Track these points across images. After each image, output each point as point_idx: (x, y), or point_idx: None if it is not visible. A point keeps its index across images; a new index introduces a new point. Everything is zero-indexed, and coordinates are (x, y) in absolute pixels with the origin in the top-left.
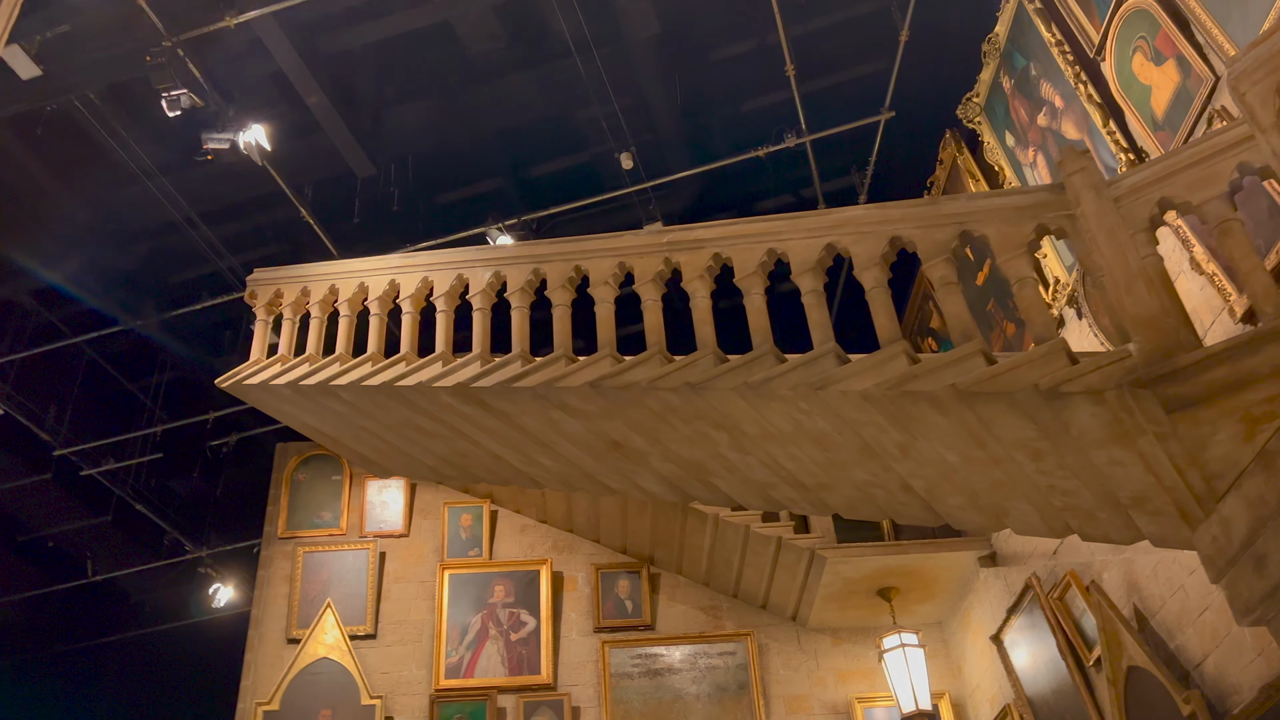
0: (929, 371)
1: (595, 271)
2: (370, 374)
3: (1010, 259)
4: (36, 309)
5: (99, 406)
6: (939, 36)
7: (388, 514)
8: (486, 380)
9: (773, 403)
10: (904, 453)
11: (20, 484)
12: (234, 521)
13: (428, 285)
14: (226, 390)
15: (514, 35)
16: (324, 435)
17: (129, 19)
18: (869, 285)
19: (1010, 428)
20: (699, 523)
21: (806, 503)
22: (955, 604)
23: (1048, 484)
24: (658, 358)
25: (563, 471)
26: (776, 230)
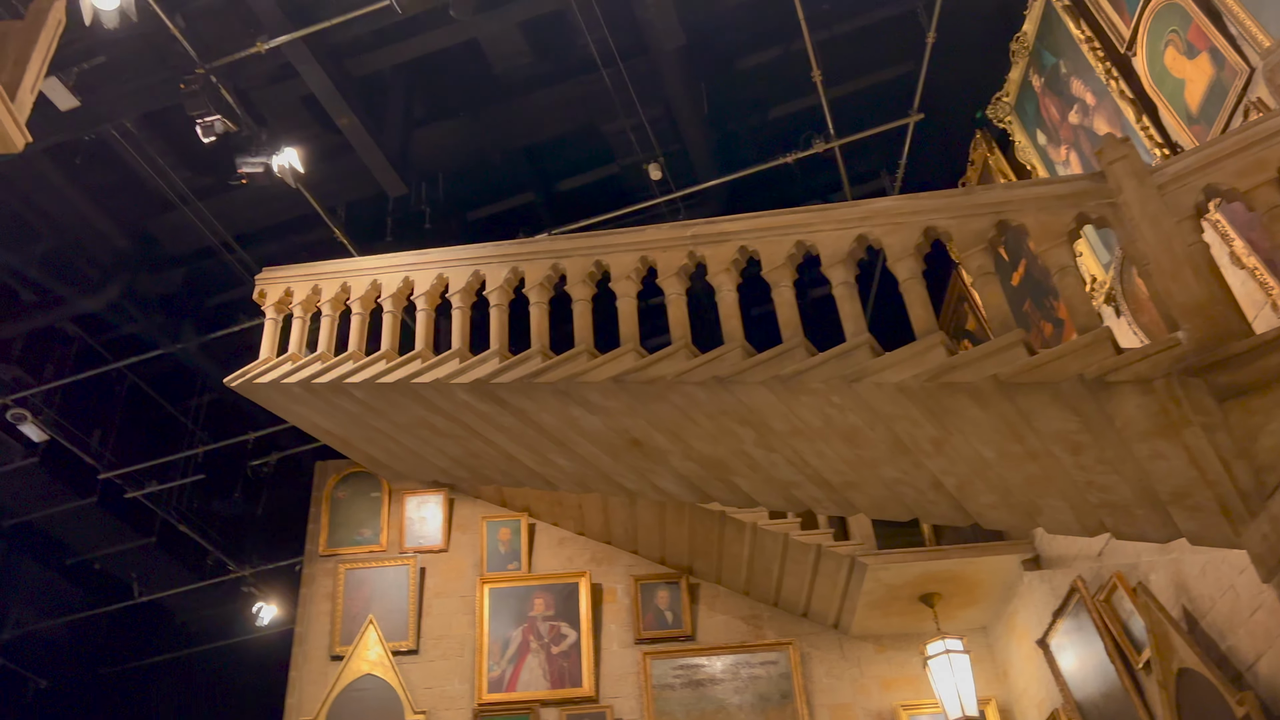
0: (969, 362)
1: (617, 266)
2: (385, 371)
3: (1050, 248)
4: (79, 335)
5: (141, 430)
6: (966, 37)
7: (427, 529)
8: (506, 376)
9: (803, 396)
10: (937, 448)
11: (67, 508)
12: (276, 540)
13: (443, 282)
14: (235, 389)
15: (540, 51)
16: (334, 436)
17: (163, 48)
18: (903, 276)
19: (1051, 420)
20: (737, 532)
21: (831, 502)
22: (999, 608)
23: (1085, 479)
24: (684, 352)
25: (578, 471)
26: (805, 222)
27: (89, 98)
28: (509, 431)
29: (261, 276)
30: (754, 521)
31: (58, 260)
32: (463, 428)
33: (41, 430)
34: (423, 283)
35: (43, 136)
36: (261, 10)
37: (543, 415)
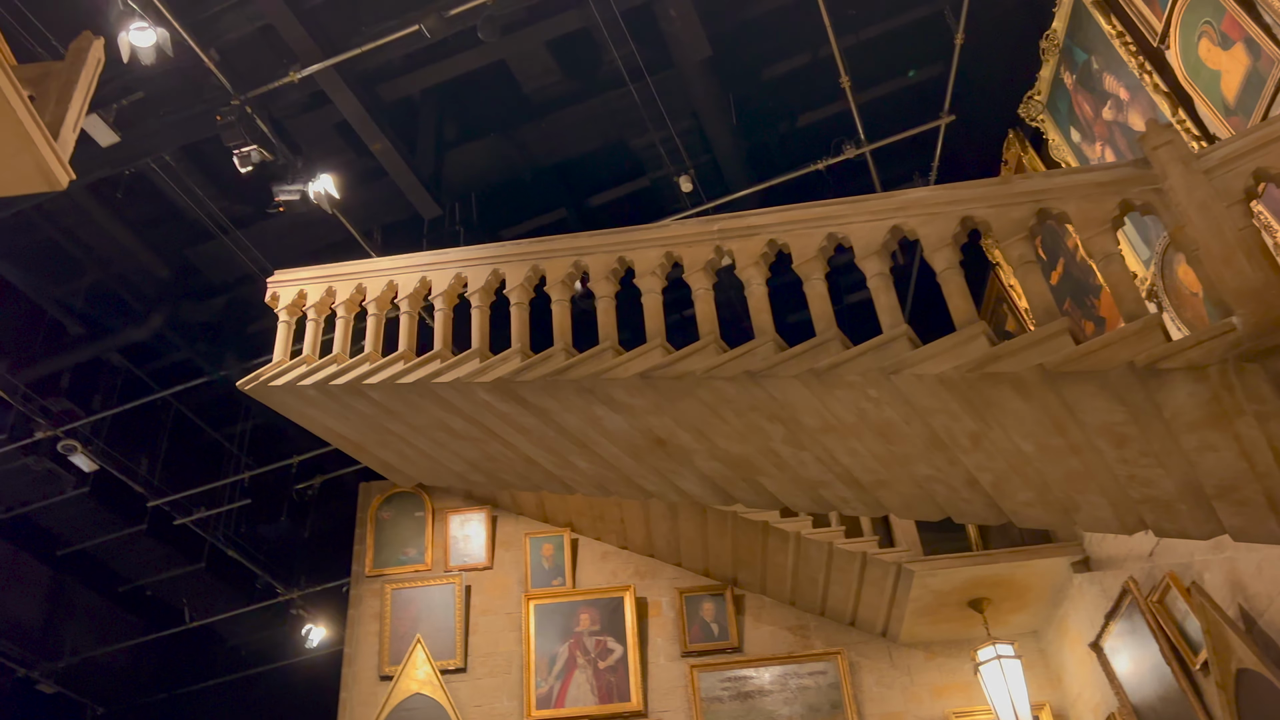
0: (1013, 352)
1: (641, 262)
2: (404, 372)
3: (1094, 236)
4: (125, 366)
5: (188, 457)
6: (995, 37)
7: (471, 547)
8: (529, 374)
9: (838, 390)
10: (975, 443)
11: (118, 536)
12: (322, 562)
13: (461, 281)
14: (248, 393)
15: (568, 69)
16: (347, 441)
17: (199, 81)
18: (941, 267)
19: (1097, 411)
20: (781, 542)
21: (860, 502)
22: (1050, 612)
23: (1127, 473)
24: (713, 347)
25: (598, 474)
26: (837, 214)
27: (128, 133)
28: (529, 433)
29: (274, 279)
30: (798, 531)
31: (102, 293)
32: (481, 430)
33: (91, 460)
34: (440, 282)
35: (85, 172)
36: (293, 40)
37: (565, 415)
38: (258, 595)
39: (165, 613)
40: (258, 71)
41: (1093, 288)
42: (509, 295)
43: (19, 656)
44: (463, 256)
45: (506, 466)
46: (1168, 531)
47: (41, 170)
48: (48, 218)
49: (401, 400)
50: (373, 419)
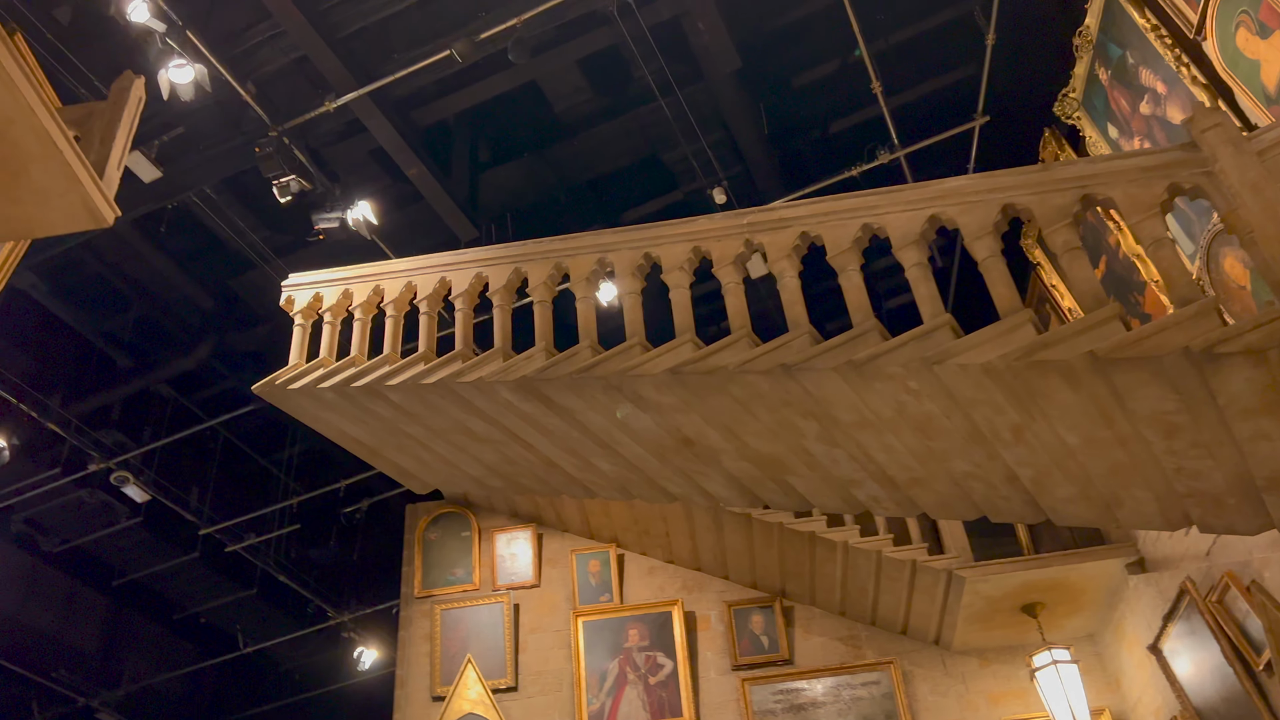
0: (1062, 339)
1: (668, 258)
2: (425, 372)
3: (1142, 220)
4: (173, 396)
5: (237, 484)
6: (1026, 36)
7: (517, 566)
8: (555, 372)
9: (877, 383)
10: (1017, 437)
11: (171, 565)
12: (372, 584)
13: (481, 281)
14: (263, 396)
15: (598, 86)
16: (362, 446)
17: (237, 115)
18: (983, 255)
19: (1147, 400)
20: (828, 552)
21: (893, 501)
22: (1106, 615)
23: (1175, 466)
24: (745, 340)
25: (621, 476)
26: (871, 205)
27: (170, 168)
28: (551, 434)
29: (289, 283)
30: (845, 540)
31: (149, 325)
32: (502, 432)
33: (143, 491)
34: (460, 282)
35: (129, 208)
36: (327, 70)
37: (589, 414)
38: (309, 619)
39: (219, 639)
40: (294, 102)
41: (1136, 284)
42: (531, 294)
43: (79, 686)
44: (482, 256)
45: (526, 470)
46: (1214, 527)
47: (88, 208)
48: (95, 254)
49: (421, 402)
50: (390, 422)
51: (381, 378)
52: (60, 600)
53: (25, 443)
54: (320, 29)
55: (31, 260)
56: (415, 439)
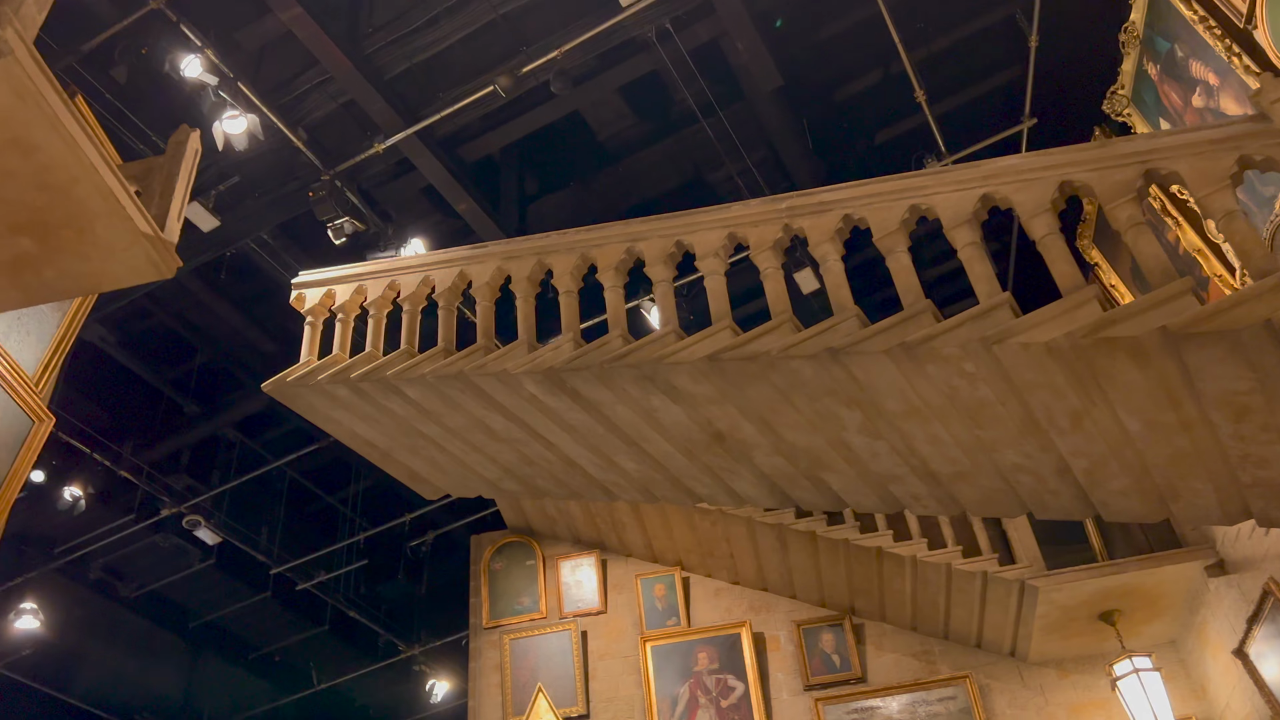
0: (1132, 315)
1: (701, 245)
2: (446, 365)
3: (1211, 194)
4: (239, 439)
5: (304, 523)
6: (1070, 35)
7: (583, 592)
8: (585, 361)
9: (930, 366)
10: (1075, 424)
11: (245, 605)
12: (441, 616)
13: (503, 274)
14: (271, 394)
15: (641, 112)
16: (374, 448)
17: (289, 160)
18: (1041, 233)
19: (1220, 379)
20: (897, 566)
21: (933, 499)
22: (1187, 619)
23: (1241, 453)
24: (788, 325)
25: (645, 477)
26: (919, 186)
27: (228, 216)
28: (575, 430)
29: (299, 280)
30: (914, 554)
31: (214, 371)
32: (522, 429)
33: (214, 533)
34: (480, 276)
35: (190, 257)
36: (375, 112)
37: (617, 408)
38: (381, 654)
39: (294, 676)
40: (344, 146)
41: (1200, 280)
42: (557, 283)
43: None
44: (504, 249)
45: (544, 471)
46: (1274, 519)
47: (152, 260)
48: (159, 304)
49: (440, 398)
50: (405, 422)
51: (400, 371)
52: (140, 644)
53: (99, 491)
54: (366, 73)
55: (98, 313)
56: (430, 439)
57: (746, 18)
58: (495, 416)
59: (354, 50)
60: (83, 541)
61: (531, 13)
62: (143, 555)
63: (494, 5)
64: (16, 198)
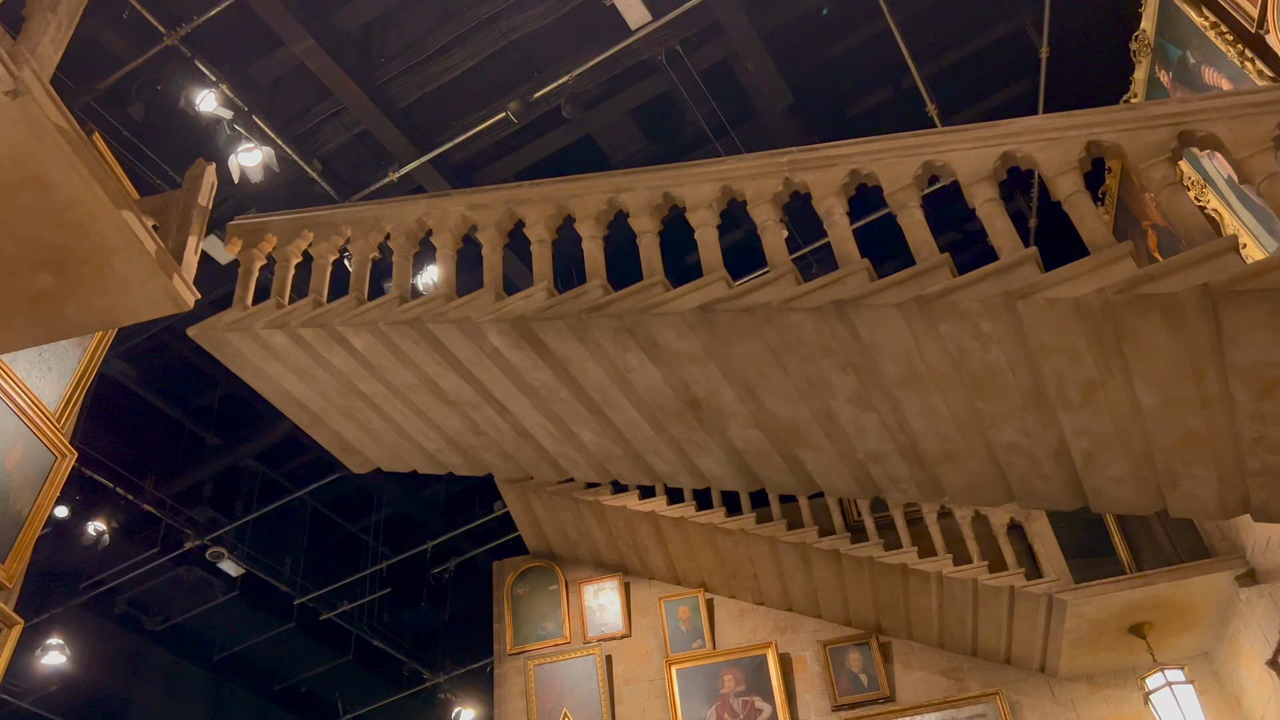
0: (1172, 271)
1: (693, 197)
2: (403, 310)
3: (1251, 156)
4: (260, 470)
5: (327, 552)
6: (1080, 45)
7: (606, 616)
8: (562, 309)
9: (944, 324)
10: (1086, 397)
11: (269, 636)
12: (465, 643)
13: (468, 223)
14: (199, 340)
15: (652, 134)
16: (303, 410)
17: (305, 190)
18: (1067, 191)
19: (1254, 347)
20: (922, 583)
21: (914, 482)
22: (1219, 631)
23: (1255, 435)
24: (789, 277)
25: (603, 451)
26: (934, 142)
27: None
28: (535, 394)
29: (235, 223)
30: (939, 570)
31: (234, 403)
32: (476, 390)
33: (238, 565)
34: (443, 222)
35: (207, 290)
36: (389, 141)
37: (588, 366)
38: (406, 682)
39: (320, 707)
40: (358, 175)
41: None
42: (529, 234)
43: None
44: (470, 199)
45: (492, 443)
46: (1274, 513)
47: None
48: (178, 337)
49: (388, 350)
50: (344, 378)
51: (350, 317)
52: (166, 677)
53: (123, 525)
54: (379, 103)
55: (119, 348)
56: (369, 401)
57: (756, 38)
58: (448, 374)
59: (366, 80)
60: (107, 576)
61: (541, 39)
62: (167, 588)
63: (504, 32)
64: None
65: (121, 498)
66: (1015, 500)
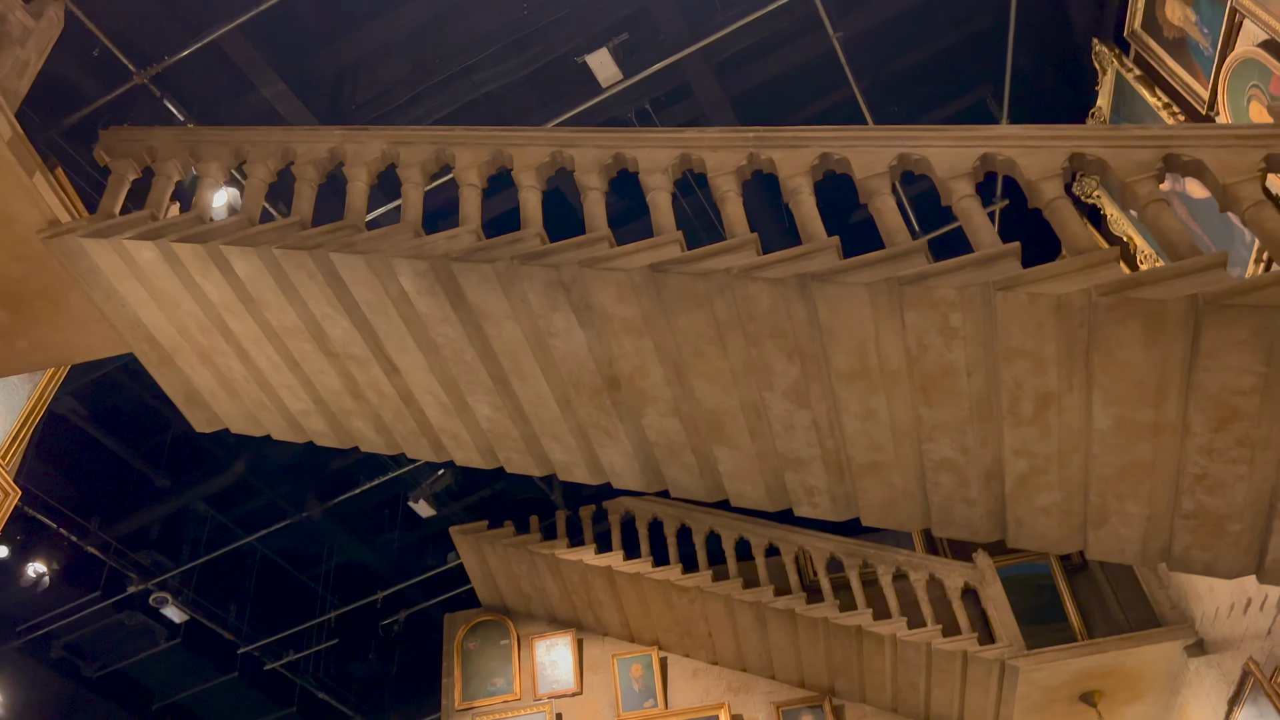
0: (1162, 279)
1: (646, 160)
2: (304, 236)
3: (1238, 183)
4: (210, 514)
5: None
6: (1039, 117)
7: (558, 673)
8: (492, 254)
9: (911, 313)
10: (1038, 411)
11: (210, 685)
12: (412, 697)
13: (387, 159)
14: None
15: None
16: (154, 347)
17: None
18: (1048, 197)
19: (1225, 369)
20: (876, 646)
21: (828, 496)
22: (1168, 701)
23: (1199, 471)
24: (751, 248)
25: (495, 430)
26: (911, 136)
27: None
28: (437, 352)
29: (112, 131)
30: (893, 633)
31: (186, 444)
32: (368, 342)
33: (182, 611)
34: (360, 154)
35: None
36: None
37: (505, 326)
38: None
39: None
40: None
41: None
42: (459, 176)
43: None
44: (394, 133)
45: (369, 409)
46: (1192, 562)
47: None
48: (132, 376)
49: (276, 282)
50: (214, 311)
51: (239, 238)
52: None
53: (65, 567)
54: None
55: (70, 385)
56: (236, 342)
57: (725, 100)
58: (339, 319)
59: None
60: (46, 619)
61: (513, 92)
62: (107, 634)
63: (476, 84)
64: None
65: (65, 538)
66: (930, 525)
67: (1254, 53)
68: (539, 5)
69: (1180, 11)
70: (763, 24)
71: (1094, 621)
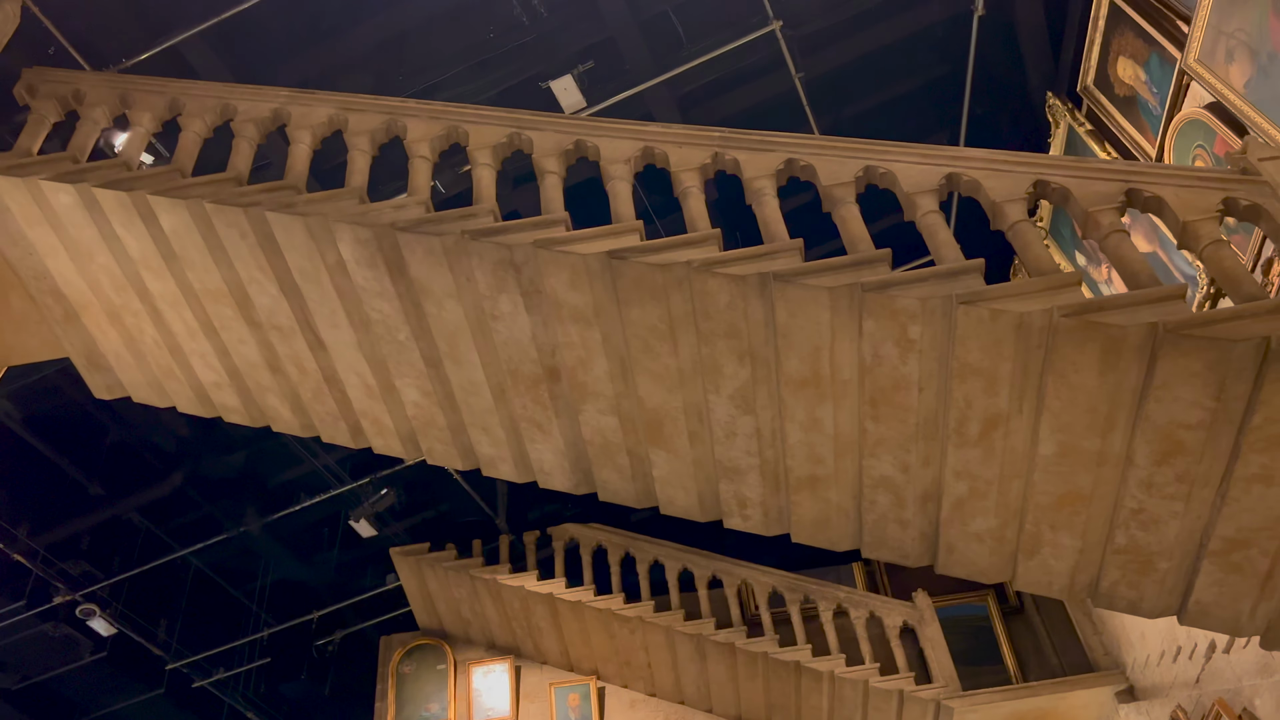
0: (1124, 305)
1: (609, 150)
2: (239, 192)
3: (1197, 220)
4: (145, 525)
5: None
6: None
7: (494, 700)
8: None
9: (870, 322)
10: (984, 433)
11: (135, 701)
12: None
13: (334, 125)
14: None
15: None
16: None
17: None
18: (1011, 220)
19: (1177, 402)
20: (814, 682)
21: (761, 509)
22: None
23: (1136, 505)
24: (713, 243)
25: (423, 416)
26: (880, 150)
27: None
28: (369, 328)
29: (35, 72)
30: (831, 670)
31: (123, 452)
32: (295, 312)
33: (110, 624)
34: (305, 117)
35: None
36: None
37: (447, 305)
38: None
39: None
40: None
41: None
42: (409, 147)
43: None
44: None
45: (287, 387)
46: (1117, 599)
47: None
48: (70, 380)
49: (204, 240)
50: (131, 267)
51: (169, 189)
52: None
53: None
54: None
55: (6, 387)
56: (150, 302)
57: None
58: (268, 285)
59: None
60: None
61: None
62: (29, 645)
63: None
64: None
65: None
66: (861, 545)
67: (1200, 114)
68: (505, 29)
69: (1131, 70)
70: (727, 60)
71: (1029, 664)
